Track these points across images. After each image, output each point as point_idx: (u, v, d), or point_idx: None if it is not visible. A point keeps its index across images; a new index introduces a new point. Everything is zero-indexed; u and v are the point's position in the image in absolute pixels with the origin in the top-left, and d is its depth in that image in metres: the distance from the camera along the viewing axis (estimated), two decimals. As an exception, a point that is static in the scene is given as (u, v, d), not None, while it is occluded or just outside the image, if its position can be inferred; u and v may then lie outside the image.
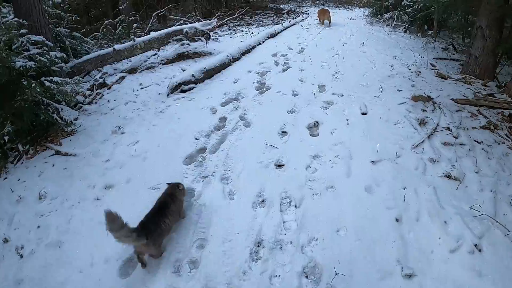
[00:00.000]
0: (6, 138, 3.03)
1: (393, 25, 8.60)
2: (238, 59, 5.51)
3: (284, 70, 4.93)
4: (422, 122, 3.22)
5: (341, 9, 14.54)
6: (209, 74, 4.68)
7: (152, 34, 5.53)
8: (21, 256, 2.25)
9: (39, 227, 2.44)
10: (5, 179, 3.00)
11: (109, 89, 4.52)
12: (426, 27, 7.89)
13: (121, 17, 7.49)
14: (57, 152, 3.21)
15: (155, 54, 5.65)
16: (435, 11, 7.01)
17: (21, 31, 3.54)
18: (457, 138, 2.99)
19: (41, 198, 2.70)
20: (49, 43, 3.73)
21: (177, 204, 2.17)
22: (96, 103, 4.15)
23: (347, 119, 3.36)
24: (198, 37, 5.96)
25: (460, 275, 1.85)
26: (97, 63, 4.90)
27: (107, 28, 7.12)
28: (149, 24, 7.55)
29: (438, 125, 3.18)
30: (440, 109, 3.46)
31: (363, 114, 3.47)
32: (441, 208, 2.24)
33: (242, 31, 8.46)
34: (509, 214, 2.23)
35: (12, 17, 3.77)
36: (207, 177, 2.67)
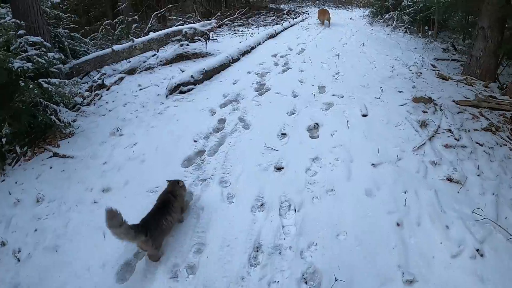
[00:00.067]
0: (4, 140, 3.01)
1: (393, 25, 8.57)
2: (237, 59, 5.48)
3: (283, 71, 4.90)
4: (423, 124, 3.19)
5: (341, 9, 14.50)
6: (208, 75, 4.66)
7: (151, 35, 5.51)
8: (18, 260, 2.23)
9: (36, 230, 2.43)
10: (2, 181, 2.98)
11: (107, 90, 4.50)
12: (426, 27, 7.85)
13: (120, 17, 7.47)
14: (55, 154, 3.19)
15: (154, 55, 5.63)
16: (435, 11, 6.98)
17: (19, 32, 3.51)
18: (458, 140, 2.96)
19: (38, 201, 2.69)
20: (47, 44, 3.71)
21: (179, 200, 2.19)
22: (94, 104, 4.13)
23: (347, 120, 3.33)
24: (197, 37, 5.94)
25: (462, 281, 1.83)
26: (95, 64, 4.88)
27: (106, 29, 7.09)
28: (149, 25, 7.52)
29: (439, 127, 3.15)
30: (441, 110, 3.43)
31: (363, 115, 3.44)
32: (443, 212, 2.21)
33: (241, 31, 8.43)
34: (511, 218, 2.20)
35: (10, 18, 3.74)
36: (205, 180, 2.65)
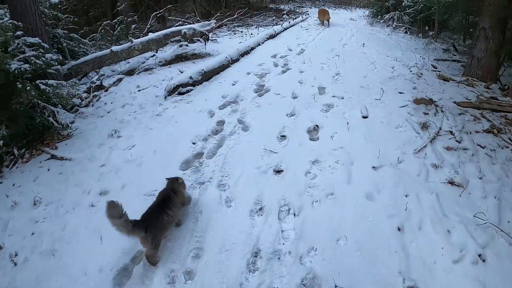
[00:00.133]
0: (1, 142, 2.99)
1: (393, 26, 8.54)
2: (237, 60, 5.46)
3: (283, 72, 4.87)
4: (424, 126, 3.16)
5: (341, 10, 14.48)
6: (207, 76, 4.63)
7: (150, 36, 5.49)
8: (15, 264, 2.21)
9: (33, 233, 2.41)
10: (0, 183, 2.96)
11: (106, 91, 4.47)
12: (427, 27, 7.83)
13: (119, 18, 7.44)
14: (53, 156, 3.16)
15: (153, 56, 5.60)
16: (436, 11, 6.95)
17: (17, 33, 3.49)
18: (460, 142, 2.93)
19: (35, 203, 2.66)
20: (45, 45, 3.68)
21: (179, 196, 2.21)
22: (92, 106, 4.11)
23: (347, 122, 3.30)
24: (196, 38, 5.91)
25: (463, 287, 1.80)
26: (94, 64, 4.85)
27: (105, 29, 7.07)
28: (148, 25, 7.50)
29: (440, 129, 3.12)
30: (443, 112, 3.40)
31: (364, 117, 3.41)
32: (444, 216, 2.18)
33: (241, 32, 8.41)
34: (514, 222, 2.17)
35: (8, 19, 3.72)
36: (204, 183, 2.62)
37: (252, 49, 6.15)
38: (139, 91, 4.45)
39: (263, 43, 6.70)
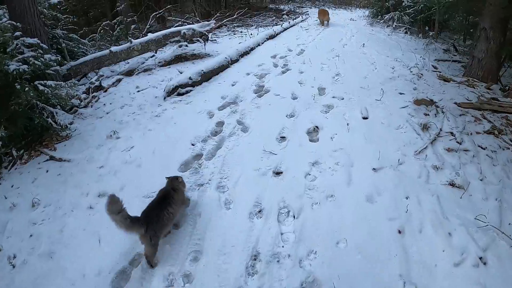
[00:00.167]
0: (0, 143, 2.97)
1: (393, 26, 8.52)
2: (236, 61, 5.44)
3: (283, 73, 4.86)
4: (425, 127, 3.14)
5: (341, 10, 14.47)
6: (206, 76, 4.61)
7: (150, 36, 5.47)
8: (13, 266, 2.20)
9: (31, 235, 2.39)
10: (-2, 185, 2.94)
11: (105, 92, 4.46)
12: (427, 28, 7.81)
13: (119, 18, 7.42)
14: (51, 158, 3.15)
15: (152, 56, 5.59)
16: (436, 12, 6.93)
17: (16, 33, 3.47)
18: (460, 143, 2.91)
19: (34, 205, 2.65)
20: (44, 45, 3.66)
21: (179, 194, 2.20)
22: (92, 107, 4.09)
23: (347, 123, 3.29)
24: (196, 38, 5.90)
25: (464, 290, 1.78)
26: (93, 65, 4.84)
27: (104, 30, 7.05)
28: (147, 26, 7.48)
29: (441, 130, 3.10)
30: (443, 113, 3.38)
31: (364, 118, 3.39)
32: (445, 218, 2.17)
33: (241, 32, 8.39)
34: (515, 224, 2.15)
35: (7, 20, 3.71)
36: (202, 185, 2.60)
37: (252, 49, 6.13)
38: (138, 91, 4.44)
39: (262, 43, 6.68)
